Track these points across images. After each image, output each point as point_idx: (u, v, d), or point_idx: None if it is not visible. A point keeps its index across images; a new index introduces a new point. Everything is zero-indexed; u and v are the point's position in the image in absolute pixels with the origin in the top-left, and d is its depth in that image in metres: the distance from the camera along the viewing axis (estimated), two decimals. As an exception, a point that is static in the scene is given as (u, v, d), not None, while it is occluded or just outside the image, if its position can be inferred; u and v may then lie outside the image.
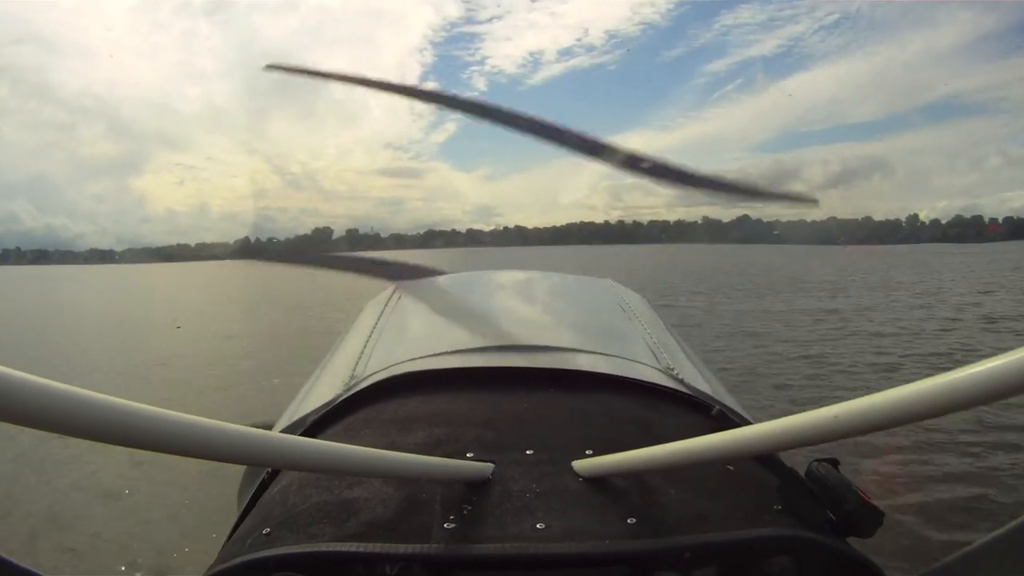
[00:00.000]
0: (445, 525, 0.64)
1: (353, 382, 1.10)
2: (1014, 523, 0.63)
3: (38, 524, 3.24)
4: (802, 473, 0.71)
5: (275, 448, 0.51)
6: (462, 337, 1.29)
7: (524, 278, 2.05)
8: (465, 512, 0.67)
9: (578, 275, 2.17)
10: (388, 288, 1.77)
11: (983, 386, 0.37)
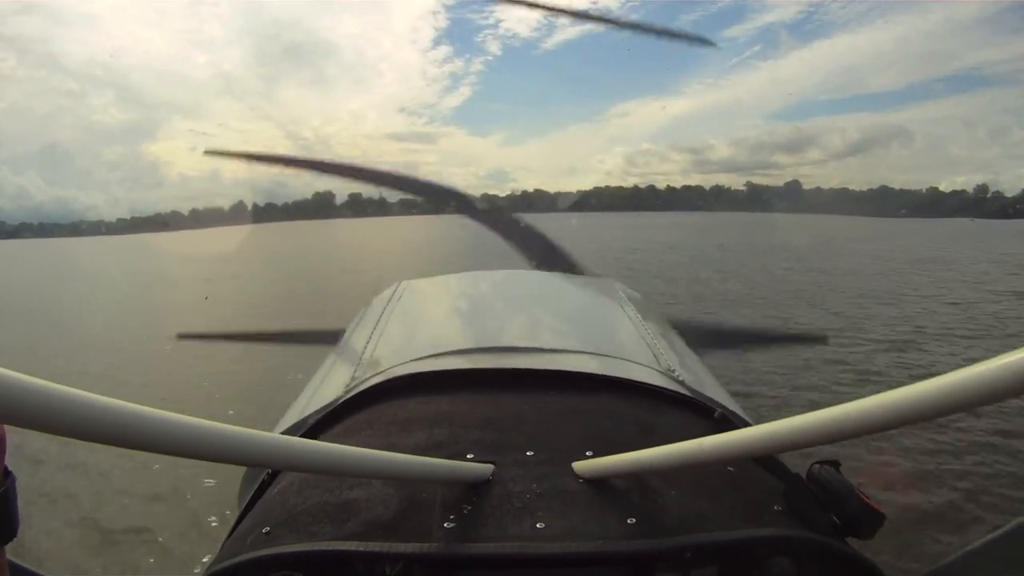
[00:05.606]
0: (445, 525, 0.68)
1: (354, 383, 1.15)
2: (1014, 523, 0.67)
3: (37, 524, 3.35)
4: (803, 475, 0.75)
5: (276, 449, 0.54)
6: (463, 338, 1.34)
7: (526, 278, 2.12)
8: (465, 512, 0.71)
9: (580, 275, 2.24)
10: (389, 288, 1.84)
11: (983, 386, 0.39)
